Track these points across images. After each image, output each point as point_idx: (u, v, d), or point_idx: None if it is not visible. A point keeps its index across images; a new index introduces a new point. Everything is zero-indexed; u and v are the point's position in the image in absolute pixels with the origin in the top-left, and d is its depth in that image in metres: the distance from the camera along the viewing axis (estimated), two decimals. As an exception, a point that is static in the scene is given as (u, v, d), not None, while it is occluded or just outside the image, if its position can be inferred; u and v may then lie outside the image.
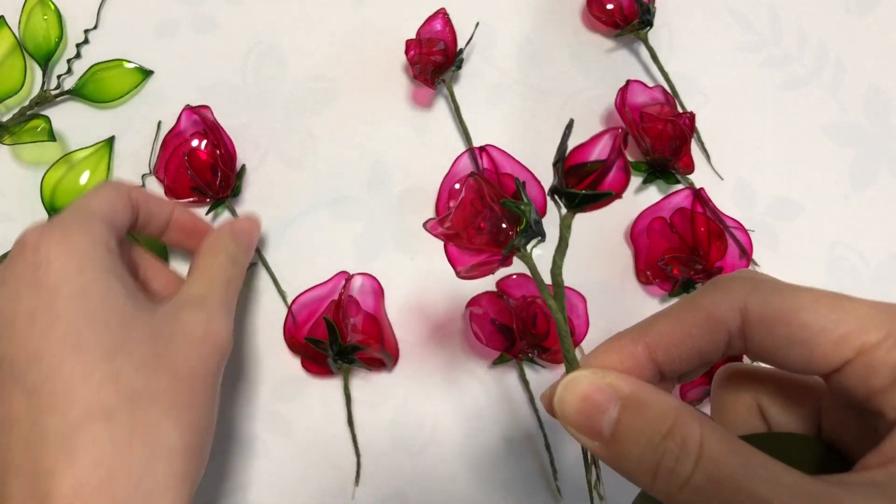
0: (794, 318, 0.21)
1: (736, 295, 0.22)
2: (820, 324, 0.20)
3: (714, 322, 0.22)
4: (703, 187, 0.41)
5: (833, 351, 0.20)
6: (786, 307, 0.21)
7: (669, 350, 0.23)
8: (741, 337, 0.22)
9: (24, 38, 0.44)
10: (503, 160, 0.41)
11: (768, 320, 0.21)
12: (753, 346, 0.22)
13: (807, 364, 0.21)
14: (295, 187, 0.42)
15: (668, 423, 0.20)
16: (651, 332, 0.23)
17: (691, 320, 0.22)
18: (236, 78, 0.44)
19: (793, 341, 0.21)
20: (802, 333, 0.21)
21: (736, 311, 0.22)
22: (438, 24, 0.43)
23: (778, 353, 0.21)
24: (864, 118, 0.44)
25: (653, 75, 0.45)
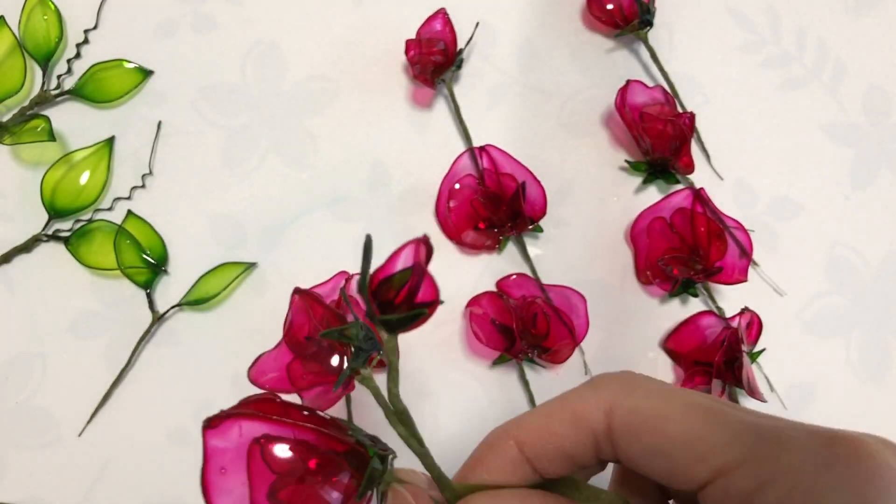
0: (660, 427, 0.20)
1: (604, 395, 0.21)
2: (683, 437, 0.19)
3: (579, 421, 0.21)
4: (703, 187, 0.41)
5: (692, 467, 0.19)
6: (653, 414, 0.20)
7: (536, 448, 0.21)
8: (608, 442, 0.21)
9: (24, 38, 0.44)
10: (503, 160, 0.41)
11: (634, 427, 0.20)
12: (620, 452, 0.21)
13: (669, 478, 0.20)
14: (295, 187, 0.42)
15: None
16: (520, 428, 0.22)
17: (557, 417, 0.21)
18: (236, 78, 0.44)
19: (656, 452, 0.20)
20: (666, 446, 0.19)
21: (601, 411, 0.21)
22: (438, 24, 0.43)
23: (643, 462, 0.20)
24: (864, 118, 0.44)
25: (653, 75, 0.45)
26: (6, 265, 0.41)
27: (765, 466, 0.18)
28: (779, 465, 0.18)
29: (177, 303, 0.40)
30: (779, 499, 0.17)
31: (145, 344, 0.40)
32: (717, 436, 0.19)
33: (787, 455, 0.18)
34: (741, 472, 0.18)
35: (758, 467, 0.18)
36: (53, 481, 0.38)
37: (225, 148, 0.43)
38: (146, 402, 0.39)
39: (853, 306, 0.41)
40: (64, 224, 0.42)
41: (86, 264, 0.41)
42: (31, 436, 0.39)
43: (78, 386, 0.39)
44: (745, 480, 0.18)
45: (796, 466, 0.17)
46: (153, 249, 0.41)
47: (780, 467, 0.18)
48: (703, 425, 0.19)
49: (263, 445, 0.20)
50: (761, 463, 0.18)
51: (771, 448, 0.18)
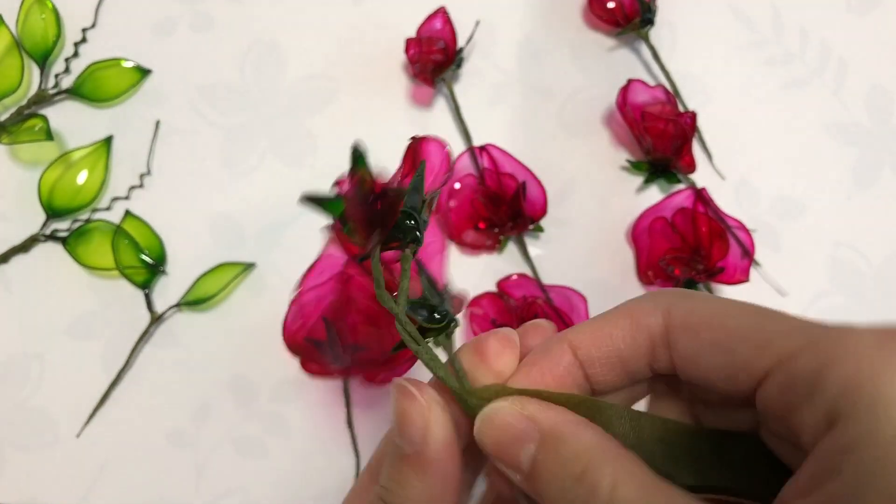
0: (719, 323, 0.20)
1: (661, 300, 0.21)
2: (743, 329, 0.19)
3: (635, 323, 0.21)
4: (705, 187, 0.41)
5: (754, 357, 0.19)
6: (710, 313, 0.20)
7: (591, 350, 0.21)
8: (665, 345, 0.21)
9: (21, 37, 0.44)
10: (503, 160, 0.41)
11: (692, 325, 0.20)
12: (677, 354, 0.21)
13: (729, 373, 0.20)
14: (294, 187, 0.42)
15: (580, 465, 0.19)
16: (577, 332, 0.22)
17: (613, 320, 0.22)
18: (235, 77, 0.44)
19: (716, 347, 0.20)
20: (726, 339, 0.20)
21: (659, 314, 0.21)
22: (438, 23, 0.43)
23: (702, 360, 0.20)
24: (866, 117, 0.44)
25: (654, 74, 0.45)
26: (4, 265, 0.41)
27: (828, 348, 0.17)
28: (842, 347, 0.17)
29: (175, 303, 0.40)
30: (843, 378, 0.17)
31: (143, 344, 0.40)
32: (778, 326, 0.19)
33: (849, 338, 0.17)
34: (804, 356, 0.18)
35: (821, 350, 0.18)
36: (51, 482, 0.38)
37: (224, 147, 0.43)
38: (144, 403, 0.39)
39: (855, 307, 0.41)
40: (62, 224, 0.42)
41: (84, 264, 0.41)
42: (29, 436, 0.39)
43: (76, 386, 0.39)
44: (808, 362, 0.18)
45: (860, 347, 0.17)
46: (151, 249, 0.41)
47: (844, 348, 0.17)
48: (762, 318, 0.19)
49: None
50: (824, 345, 0.18)
51: (832, 333, 0.18)
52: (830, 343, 0.18)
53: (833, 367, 0.17)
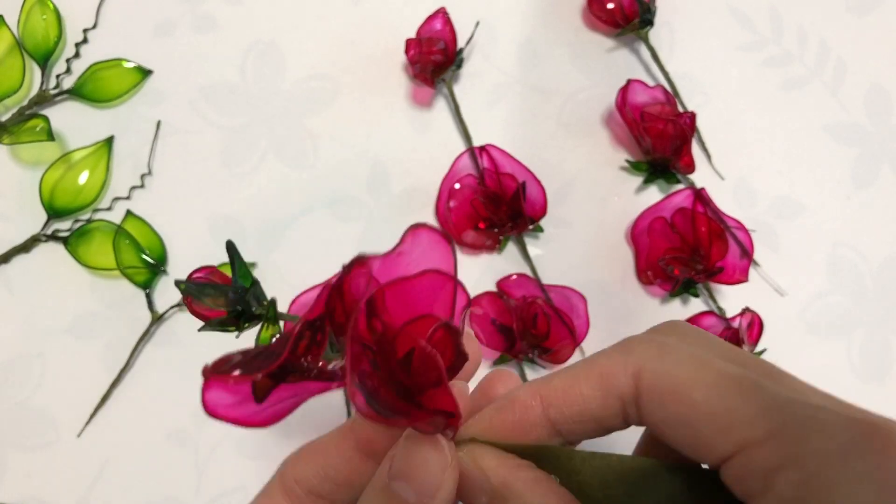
0: (686, 395, 0.19)
1: (633, 358, 0.20)
2: (710, 407, 0.18)
3: (606, 384, 0.20)
4: (704, 187, 0.41)
5: (716, 440, 0.18)
6: (681, 382, 0.19)
7: (562, 409, 0.21)
8: (634, 407, 0.20)
9: (23, 38, 0.44)
10: (503, 160, 0.41)
11: (660, 392, 0.19)
12: (645, 420, 0.20)
13: (692, 448, 0.19)
14: (295, 187, 0.42)
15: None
16: (548, 387, 0.21)
17: (584, 379, 0.21)
18: (236, 77, 0.44)
19: (681, 420, 0.19)
20: (691, 415, 0.19)
21: (629, 375, 0.20)
22: (438, 24, 0.43)
23: (668, 431, 0.19)
24: (865, 117, 0.44)
25: (653, 75, 0.45)
26: (5, 265, 0.41)
27: (790, 446, 0.17)
28: (806, 447, 0.17)
29: (176, 303, 0.40)
30: (800, 481, 0.16)
31: (144, 344, 0.40)
32: (744, 409, 0.18)
33: (816, 437, 0.17)
34: (764, 449, 0.17)
35: (782, 446, 0.17)
36: (52, 481, 0.38)
37: (224, 148, 0.43)
38: (145, 403, 0.39)
39: (854, 306, 0.41)
40: (63, 224, 0.42)
41: (85, 264, 0.41)
42: (30, 436, 0.39)
43: (77, 386, 0.39)
44: (766, 457, 0.17)
45: (824, 450, 0.16)
46: (152, 249, 0.41)
47: (807, 449, 0.17)
48: (730, 397, 0.18)
49: None
50: (787, 442, 0.17)
51: (800, 428, 0.17)
52: (792, 439, 0.17)
53: (789, 469, 0.17)
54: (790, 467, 0.17)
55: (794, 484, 0.16)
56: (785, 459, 0.17)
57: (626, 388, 0.20)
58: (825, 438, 0.17)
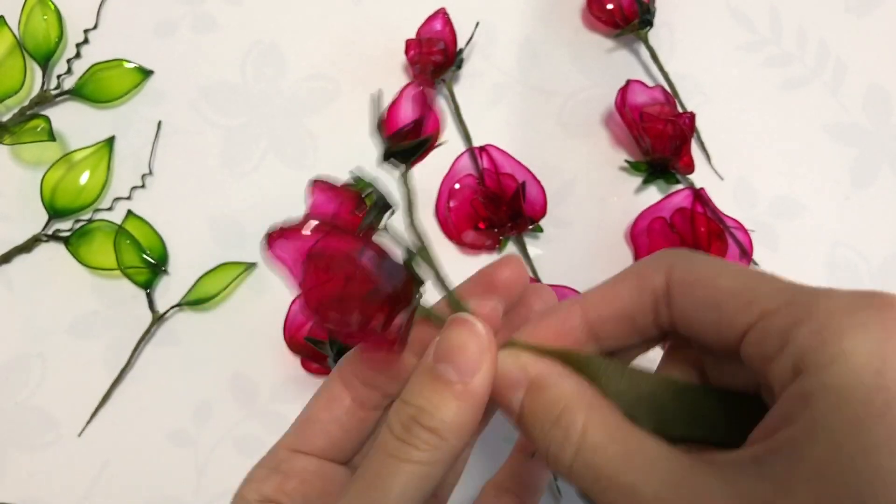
0: (712, 281, 0.21)
1: (664, 260, 0.23)
2: (733, 288, 0.21)
3: (641, 282, 0.23)
4: (704, 187, 0.41)
5: (739, 314, 0.20)
6: (707, 272, 0.22)
7: (600, 309, 0.23)
8: (666, 301, 0.22)
9: (23, 38, 0.44)
10: (503, 160, 0.41)
11: (689, 282, 0.22)
12: (674, 310, 0.22)
13: (717, 328, 0.21)
14: (295, 187, 0.42)
15: (556, 410, 0.21)
16: (587, 294, 0.24)
17: (621, 281, 0.23)
18: (236, 77, 0.44)
19: (707, 303, 0.21)
20: (717, 296, 0.21)
21: (662, 273, 0.22)
22: (438, 24, 0.43)
23: (694, 315, 0.22)
24: (864, 117, 0.44)
25: (653, 75, 0.45)
26: (6, 265, 0.41)
27: (803, 307, 0.19)
28: (816, 306, 0.19)
29: (177, 303, 0.40)
30: (811, 333, 0.18)
31: (145, 344, 0.40)
32: (764, 287, 0.21)
33: (824, 299, 0.19)
34: (781, 313, 0.19)
35: (796, 308, 0.19)
36: (53, 481, 0.38)
37: (225, 148, 0.43)
38: (146, 403, 0.39)
39: (854, 306, 0.41)
40: (64, 224, 0.42)
41: (86, 264, 0.41)
42: (31, 436, 0.39)
43: (78, 386, 0.39)
44: (783, 319, 0.19)
45: (832, 308, 0.19)
46: (153, 249, 0.41)
47: (817, 307, 0.19)
48: (752, 279, 0.21)
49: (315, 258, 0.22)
50: (800, 305, 0.19)
51: (810, 294, 0.20)
52: (805, 303, 0.19)
53: (803, 324, 0.19)
54: (803, 323, 0.19)
55: (807, 335, 0.18)
56: (798, 318, 0.19)
57: (659, 284, 0.22)
58: (832, 299, 0.19)
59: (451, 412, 0.22)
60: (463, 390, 0.22)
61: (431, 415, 0.22)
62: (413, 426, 0.22)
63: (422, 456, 0.22)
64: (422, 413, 0.22)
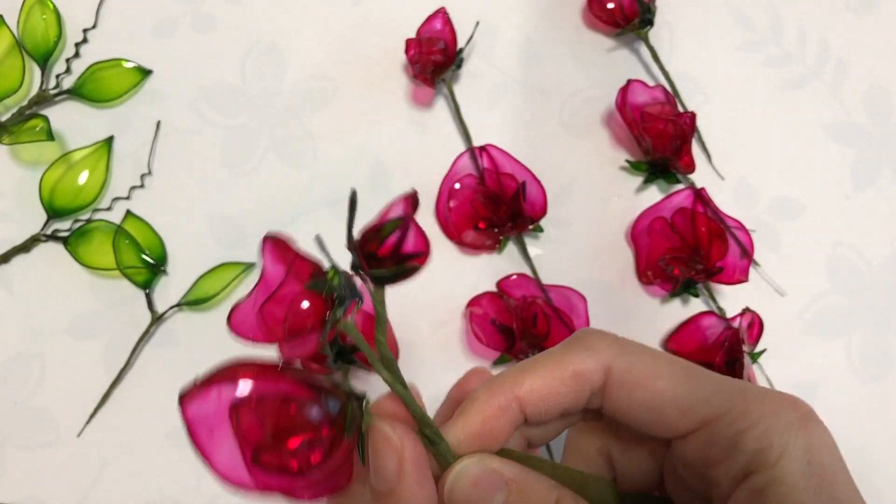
0: (651, 384, 0.23)
1: (603, 356, 0.23)
2: (673, 394, 0.23)
3: (580, 380, 0.23)
4: (704, 187, 0.41)
5: (679, 419, 0.23)
6: (645, 374, 0.23)
7: (538, 404, 0.24)
8: (600, 395, 0.24)
9: (22, 38, 0.44)
10: (503, 160, 0.41)
11: (628, 383, 0.23)
12: (609, 405, 0.24)
13: (654, 428, 0.23)
14: (295, 187, 0.42)
15: (553, 498, 0.22)
16: (522, 387, 0.24)
17: (559, 377, 0.24)
18: (236, 77, 0.44)
19: (646, 406, 0.23)
20: (655, 401, 0.23)
21: (601, 371, 0.23)
22: (438, 24, 0.43)
23: (632, 414, 0.23)
24: (865, 117, 0.44)
25: (653, 75, 0.45)
26: (5, 265, 0.41)
27: (742, 414, 0.22)
28: (754, 412, 0.22)
29: (176, 303, 0.40)
30: (756, 439, 0.21)
31: (144, 344, 0.40)
32: (699, 393, 0.23)
33: (756, 405, 0.22)
34: (724, 421, 0.22)
35: (737, 416, 0.22)
36: (52, 481, 0.38)
37: (224, 148, 0.43)
38: (145, 403, 0.39)
39: (854, 306, 0.41)
40: (63, 224, 0.42)
41: (85, 264, 0.41)
42: (30, 436, 0.39)
43: (77, 386, 0.39)
44: (728, 428, 0.22)
45: (767, 412, 0.22)
46: (152, 249, 0.41)
47: (756, 413, 0.22)
48: (686, 383, 0.23)
49: (238, 411, 0.21)
50: (739, 412, 0.22)
51: (745, 399, 0.22)
52: (743, 410, 0.22)
53: (748, 431, 0.21)
54: (749, 430, 0.21)
55: (753, 441, 0.21)
56: (742, 426, 0.22)
57: (597, 382, 0.23)
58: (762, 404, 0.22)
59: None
60: (392, 498, 0.22)
61: None
62: None
63: None
64: None
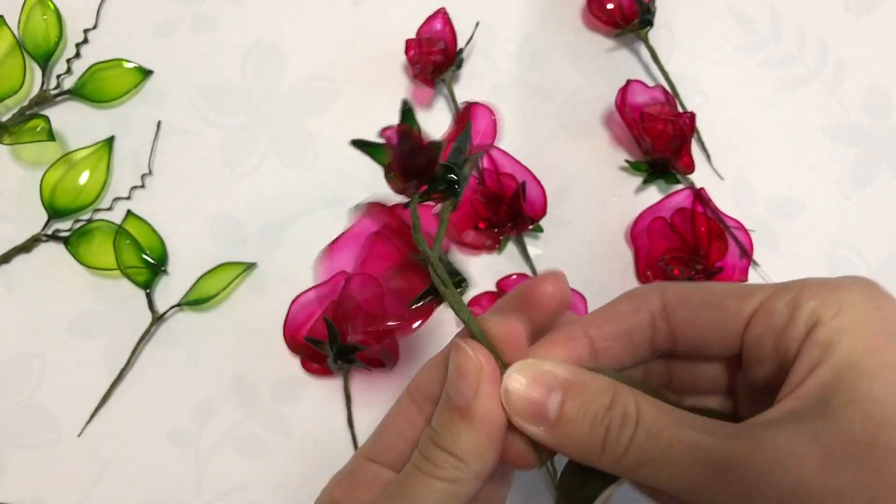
0: (705, 289, 0.25)
1: (655, 285, 0.26)
2: (727, 290, 0.25)
3: (638, 302, 0.25)
4: (704, 187, 0.41)
5: (741, 304, 0.24)
6: (696, 287, 0.25)
7: (601, 326, 0.25)
8: (663, 317, 0.25)
9: (23, 38, 0.44)
10: (503, 160, 0.41)
11: (685, 295, 0.25)
12: (674, 321, 0.25)
13: (721, 323, 0.24)
14: (295, 187, 0.42)
15: (608, 397, 0.23)
16: (587, 316, 0.26)
17: (619, 302, 0.26)
18: (236, 77, 0.44)
19: (706, 306, 0.24)
20: (715, 298, 0.24)
21: (656, 293, 0.25)
22: (438, 24, 0.43)
23: (696, 319, 0.25)
24: (864, 118, 0.44)
25: (653, 75, 0.45)
26: (5, 265, 0.41)
27: (796, 286, 0.23)
28: (807, 283, 0.23)
29: (176, 303, 0.40)
30: (814, 295, 0.22)
31: (145, 344, 0.40)
32: (751, 285, 0.25)
33: (810, 279, 0.24)
34: (780, 294, 0.23)
35: (791, 288, 0.23)
36: (53, 481, 0.38)
37: (225, 148, 0.43)
38: (146, 402, 0.39)
39: (854, 306, 0.41)
40: (63, 224, 0.42)
41: (85, 264, 0.41)
42: (31, 436, 0.39)
43: (77, 386, 0.39)
44: (785, 296, 0.23)
45: (820, 280, 0.23)
46: (153, 249, 0.41)
47: (809, 283, 0.23)
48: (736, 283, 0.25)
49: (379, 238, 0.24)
50: (792, 286, 0.23)
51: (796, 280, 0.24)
52: (796, 284, 0.23)
53: (804, 293, 0.23)
54: (804, 292, 0.23)
55: (812, 297, 0.23)
56: (798, 292, 0.23)
57: (654, 302, 0.25)
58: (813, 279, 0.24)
59: (462, 434, 0.23)
60: (468, 412, 0.23)
61: (444, 437, 0.23)
62: (431, 447, 0.24)
63: (443, 474, 0.23)
64: (437, 435, 0.24)
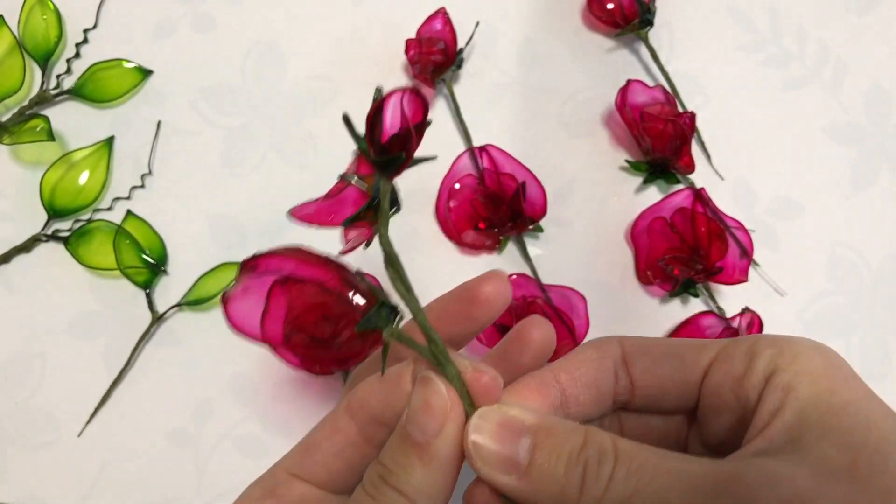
0: (664, 342, 0.26)
1: (613, 337, 0.26)
2: (684, 341, 0.25)
3: (600, 349, 0.26)
4: (704, 187, 0.41)
5: (699, 355, 0.24)
6: (655, 339, 0.26)
7: (571, 373, 0.25)
8: (623, 366, 0.25)
9: (23, 38, 0.44)
10: (503, 160, 0.41)
11: (644, 346, 0.25)
12: (634, 370, 0.25)
13: (681, 372, 0.25)
14: (295, 187, 0.42)
15: (580, 437, 0.22)
16: (556, 364, 0.26)
17: (584, 349, 0.26)
18: (236, 77, 0.44)
19: (666, 355, 0.25)
20: (672, 349, 0.25)
21: (615, 342, 0.26)
22: (438, 24, 0.43)
23: (656, 368, 0.25)
24: (864, 118, 0.44)
25: (653, 75, 0.45)
26: (5, 265, 0.41)
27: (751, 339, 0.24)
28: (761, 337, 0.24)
29: (176, 303, 0.40)
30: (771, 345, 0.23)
31: (145, 344, 0.40)
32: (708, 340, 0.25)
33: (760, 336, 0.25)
34: (737, 344, 0.24)
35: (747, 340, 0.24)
36: (53, 481, 0.38)
37: (225, 148, 0.43)
38: (145, 403, 0.39)
39: (854, 306, 0.41)
40: (63, 224, 0.42)
41: (85, 264, 0.41)
42: (31, 436, 0.39)
43: (77, 386, 0.39)
44: (742, 346, 0.24)
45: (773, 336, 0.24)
46: (153, 249, 0.41)
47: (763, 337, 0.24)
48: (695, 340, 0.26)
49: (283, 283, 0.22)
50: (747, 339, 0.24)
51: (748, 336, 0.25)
52: (748, 338, 0.24)
53: (759, 342, 0.23)
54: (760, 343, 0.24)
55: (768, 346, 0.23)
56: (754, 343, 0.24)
57: (616, 352, 0.25)
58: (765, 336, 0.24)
59: (417, 474, 0.22)
60: (427, 451, 0.22)
61: (398, 475, 0.22)
62: (380, 485, 0.22)
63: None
64: (389, 473, 0.22)
